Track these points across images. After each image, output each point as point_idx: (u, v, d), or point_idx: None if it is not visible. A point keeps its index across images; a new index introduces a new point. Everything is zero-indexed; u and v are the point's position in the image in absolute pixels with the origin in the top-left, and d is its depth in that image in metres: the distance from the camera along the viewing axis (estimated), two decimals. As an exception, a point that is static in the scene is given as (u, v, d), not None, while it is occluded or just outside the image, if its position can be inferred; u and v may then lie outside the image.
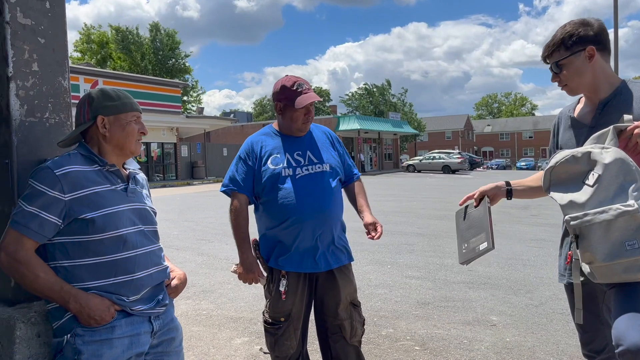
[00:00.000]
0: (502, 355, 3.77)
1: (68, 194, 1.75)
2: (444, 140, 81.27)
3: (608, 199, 1.85)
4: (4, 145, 1.93)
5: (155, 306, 1.91)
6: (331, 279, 2.67)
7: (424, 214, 12.60)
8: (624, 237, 1.82)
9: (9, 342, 1.81)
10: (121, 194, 1.88)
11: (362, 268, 6.53)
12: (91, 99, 1.90)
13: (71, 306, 1.73)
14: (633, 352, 1.76)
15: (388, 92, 55.30)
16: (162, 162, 31.96)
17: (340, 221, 2.74)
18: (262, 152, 2.68)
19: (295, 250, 2.60)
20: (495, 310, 4.87)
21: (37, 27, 1.99)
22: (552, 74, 2.25)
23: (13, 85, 1.91)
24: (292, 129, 2.70)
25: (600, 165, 1.88)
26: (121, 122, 1.90)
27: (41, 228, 1.73)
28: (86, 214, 1.76)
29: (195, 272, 6.66)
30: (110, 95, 1.91)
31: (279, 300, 2.63)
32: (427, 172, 40.66)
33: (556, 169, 1.99)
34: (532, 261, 7.00)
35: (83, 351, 1.73)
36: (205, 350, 4.04)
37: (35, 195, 1.73)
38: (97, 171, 1.86)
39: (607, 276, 1.89)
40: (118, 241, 1.81)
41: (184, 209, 14.63)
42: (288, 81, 2.65)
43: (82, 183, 1.78)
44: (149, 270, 1.89)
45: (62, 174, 1.76)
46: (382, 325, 4.49)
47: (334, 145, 2.83)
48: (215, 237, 9.42)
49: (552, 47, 2.21)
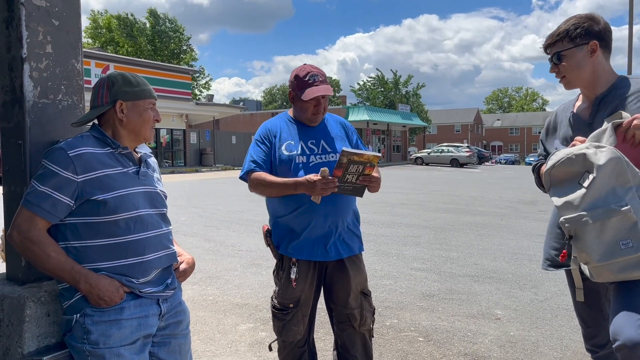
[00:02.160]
0: (505, 349, 3.77)
1: (81, 175, 1.76)
2: (453, 133, 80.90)
3: (601, 200, 1.86)
4: (17, 126, 1.95)
5: (164, 289, 1.93)
6: (341, 268, 2.68)
7: (431, 206, 12.58)
8: (618, 237, 1.84)
9: (19, 321, 1.84)
10: (133, 176, 1.89)
11: (368, 259, 6.51)
12: (111, 82, 1.90)
13: (81, 286, 1.75)
14: (629, 347, 1.78)
15: (405, 86, 54.53)
16: (171, 148, 32.06)
17: (352, 211, 2.73)
18: (277, 136, 2.69)
19: (306, 239, 2.61)
20: (500, 304, 4.87)
21: (51, 9, 2.00)
22: (552, 64, 2.25)
23: (27, 67, 1.93)
24: (302, 119, 2.71)
25: (595, 167, 1.89)
26: (139, 109, 1.91)
27: (54, 208, 1.75)
28: (98, 196, 1.77)
29: (202, 258, 6.70)
30: (130, 81, 1.92)
31: (288, 287, 2.65)
32: (435, 165, 40.53)
33: (554, 171, 2.01)
34: (538, 256, 6.98)
35: (92, 331, 1.76)
36: (211, 335, 4.07)
37: (49, 176, 1.75)
38: (110, 154, 1.87)
39: (604, 276, 1.92)
40: (129, 223, 1.82)
41: (192, 195, 14.70)
42: (302, 71, 2.64)
43: (94, 165, 1.80)
44: (158, 253, 1.91)
45: (75, 155, 1.77)
46: (387, 316, 4.51)
47: (349, 135, 2.81)
48: (222, 224, 9.47)
49: (556, 37, 2.20)
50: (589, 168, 1.91)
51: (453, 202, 13.60)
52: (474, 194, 16.27)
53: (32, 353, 1.82)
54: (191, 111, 32.42)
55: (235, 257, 6.88)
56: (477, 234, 8.73)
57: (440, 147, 44.46)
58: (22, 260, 1.99)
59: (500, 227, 9.55)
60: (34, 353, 1.82)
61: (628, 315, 1.84)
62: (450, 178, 25.29)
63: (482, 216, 10.89)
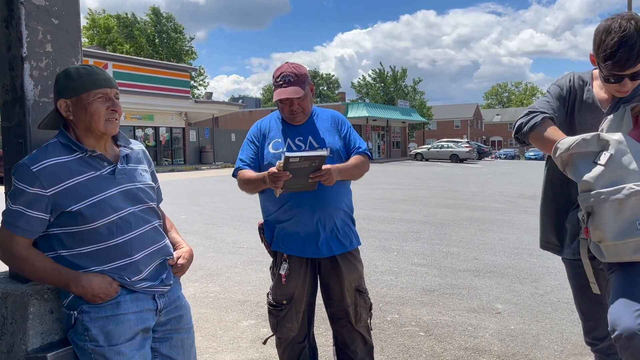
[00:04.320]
0: (506, 343, 3.79)
1: (49, 188, 1.73)
2: (452, 129, 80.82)
3: (621, 178, 1.85)
4: (19, 125, 1.96)
5: (159, 285, 1.91)
6: (334, 265, 2.67)
7: (431, 202, 12.59)
8: (635, 216, 1.82)
9: (22, 318, 1.85)
10: (108, 178, 1.83)
11: (368, 254, 6.56)
12: (55, 81, 1.82)
13: (72, 289, 1.76)
14: (626, 336, 1.78)
15: (401, 80, 54.75)
16: (170, 146, 32.06)
17: (342, 205, 2.69)
18: (266, 135, 2.70)
19: (296, 235, 2.62)
20: (501, 298, 4.89)
21: (50, 8, 2.01)
22: (627, 83, 2.01)
23: (27, 66, 1.94)
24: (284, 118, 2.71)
25: (612, 143, 1.87)
26: (83, 103, 1.78)
27: (28, 225, 1.74)
28: (72, 207, 1.74)
29: (203, 255, 6.72)
30: (70, 75, 1.79)
31: (280, 283, 2.66)
32: (435, 160, 40.54)
33: (568, 153, 1.98)
34: (538, 251, 6.95)
35: (90, 327, 1.77)
36: (213, 332, 4.09)
37: (18, 194, 1.74)
38: (79, 159, 1.79)
39: (617, 255, 1.90)
40: (110, 227, 1.79)
41: (192, 193, 14.70)
42: (278, 71, 2.63)
43: (61, 176, 1.74)
44: (146, 250, 1.89)
45: (39, 169, 1.72)
46: (388, 311, 4.53)
47: (339, 128, 2.76)
48: (223, 222, 9.48)
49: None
50: (603, 146, 1.90)
51: (453, 197, 13.60)
52: (474, 189, 16.28)
53: (36, 350, 1.84)
54: (190, 109, 32.42)
55: (236, 254, 6.90)
56: (477, 229, 8.74)
57: (439, 143, 44.46)
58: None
59: (501, 221, 9.57)
60: (37, 350, 1.84)
61: (626, 305, 1.85)
62: (450, 173, 25.29)
63: (482, 211, 10.90)
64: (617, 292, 1.93)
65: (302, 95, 2.58)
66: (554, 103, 2.23)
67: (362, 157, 2.71)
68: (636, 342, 1.77)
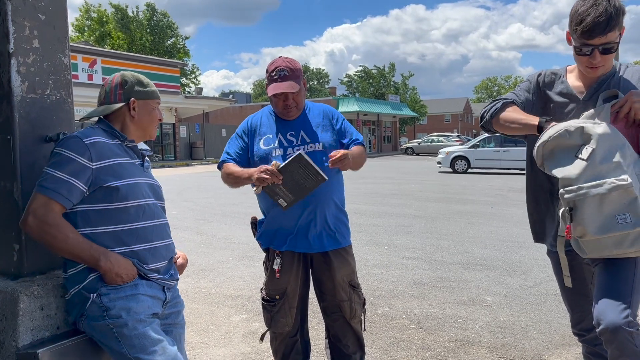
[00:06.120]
0: (495, 334, 3.83)
1: (96, 162, 1.84)
2: (443, 123, 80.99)
3: (602, 173, 1.85)
4: (6, 121, 1.95)
5: (169, 278, 2.01)
6: (326, 261, 2.68)
7: (422, 196, 12.64)
8: (616, 211, 1.84)
9: (12, 315, 1.85)
10: (139, 167, 2.01)
11: (359, 249, 6.59)
12: (124, 81, 2.01)
13: (102, 263, 1.80)
14: (611, 330, 1.81)
15: (389, 75, 54.78)
16: (160, 142, 31.89)
17: (334, 202, 2.68)
18: (257, 131, 2.70)
19: (288, 230, 2.62)
20: (490, 290, 4.94)
21: (37, 4, 2.00)
22: (597, 55, 2.00)
23: (14, 62, 1.93)
24: (277, 112, 2.70)
25: (594, 137, 1.88)
26: (149, 107, 2.05)
27: (70, 193, 1.81)
28: (111, 182, 1.86)
29: (194, 251, 6.72)
30: (142, 82, 2.05)
31: (273, 278, 2.67)
32: (425, 155, 40.62)
33: (549, 144, 1.98)
34: (527, 243, 7.06)
35: (110, 307, 1.81)
36: (205, 327, 4.10)
37: (65, 162, 1.81)
38: (118, 145, 1.97)
39: (598, 250, 1.91)
40: (138, 210, 1.91)
41: (183, 189, 14.66)
42: (272, 65, 2.61)
43: (107, 153, 1.88)
44: (164, 241, 2.00)
45: (91, 142, 1.86)
46: (379, 304, 4.56)
47: (332, 122, 2.74)
48: (214, 217, 9.47)
49: (610, 27, 1.93)
50: (585, 140, 1.90)
51: (443, 191, 13.66)
52: (464, 183, 16.36)
53: (27, 346, 1.84)
54: (180, 105, 32.22)
55: (227, 249, 6.90)
56: (467, 222, 8.80)
57: (430, 137, 44.55)
58: (14, 255, 1.99)
59: (490, 215, 9.63)
60: (28, 346, 1.84)
61: (611, 300, 1.87)
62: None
63: (472, 205, 10.97)
64: (602, 286, 1.95)
65: (297, 90, 2.58)
66: (522, 94, 2.26)
67: (361, 147, 2.73)
68: (621, 336, 1.80)
